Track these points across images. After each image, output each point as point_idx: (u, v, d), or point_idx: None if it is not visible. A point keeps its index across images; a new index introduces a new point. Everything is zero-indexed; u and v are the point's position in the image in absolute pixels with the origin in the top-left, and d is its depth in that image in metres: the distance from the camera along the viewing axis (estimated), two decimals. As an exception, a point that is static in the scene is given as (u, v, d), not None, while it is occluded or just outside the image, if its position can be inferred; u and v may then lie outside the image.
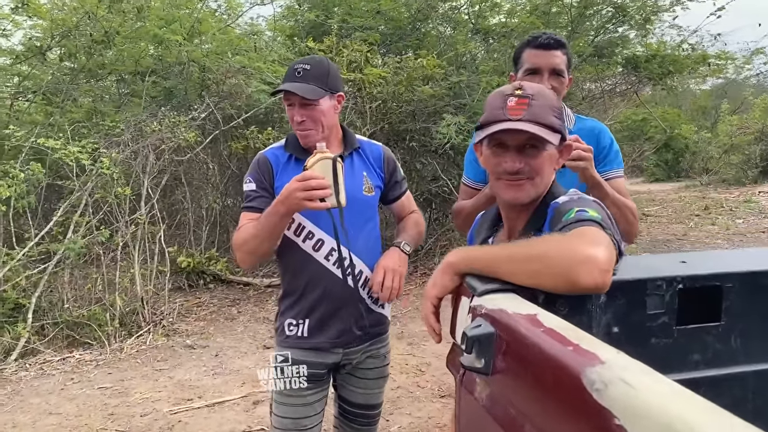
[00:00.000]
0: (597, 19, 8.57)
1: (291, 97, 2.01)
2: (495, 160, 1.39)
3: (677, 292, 1.11)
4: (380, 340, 2.19)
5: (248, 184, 2.07)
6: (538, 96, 1.36)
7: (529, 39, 2.10)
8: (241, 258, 2.03)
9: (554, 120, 1.35)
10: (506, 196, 1.39)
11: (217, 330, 5.60)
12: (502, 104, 1.36)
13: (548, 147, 1.36)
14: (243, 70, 6.27)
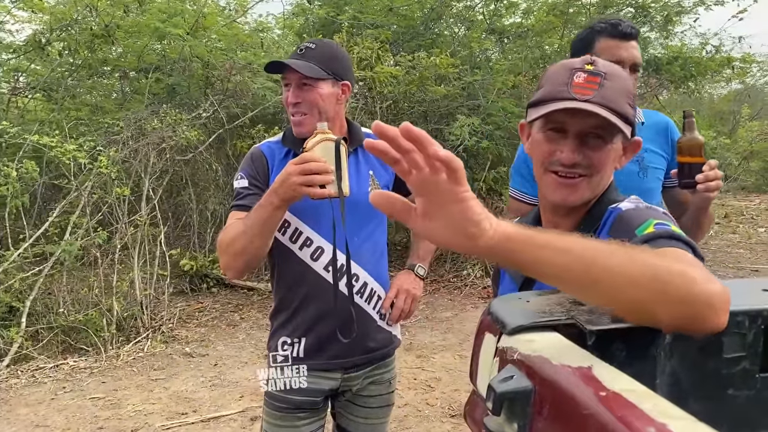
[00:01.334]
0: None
1: (288, 75, 1.77)
2: (548, 148, 1.13)
3: (762, 331, 0.86)
4: (385, 364, 1.94)
5: (240, 180, 1.81)
6: (613, 76, 1.09)
7: (604, 25, 1.81)
8: (226, 262, 1.74)
9: (628, 108, 1.09)
10: (554, 197, 1.14)
11: (217, 337, 5.38)
12: (567, 79, 1.09)
13: (616, 140, 1.11)
14: (249, 67, 6.06)
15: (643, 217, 1.02)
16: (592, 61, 1.11)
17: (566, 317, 0.83)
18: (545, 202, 1.21)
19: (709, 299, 0.77)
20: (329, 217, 1.77)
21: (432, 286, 6.80)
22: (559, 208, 1.18)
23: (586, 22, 8.03)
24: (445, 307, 6.08)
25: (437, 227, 0.81)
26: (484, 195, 7.19)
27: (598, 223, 1.13)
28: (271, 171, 1.82)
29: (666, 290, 0.77)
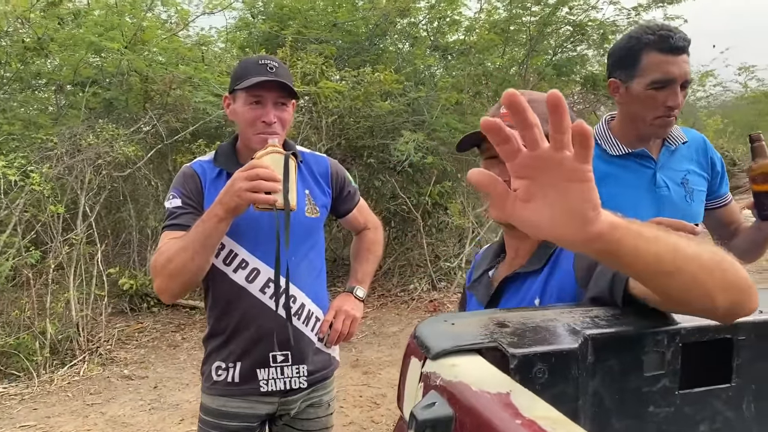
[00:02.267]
0: (556, 37, 8.54)
1: (265, 93, 1.71)
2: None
3: (680, 348, 0.88)
4: (324, 386, 1.91)
5: (172, 200, 1.74)
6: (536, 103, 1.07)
7: (652, 37, 1.61)
8: (162, 284, 1.64)
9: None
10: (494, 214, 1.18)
11: (158, 358, 5.22)
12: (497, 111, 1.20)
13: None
14: (189, 81, 5.95)
15: None
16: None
17: (489, 340, 0.82)
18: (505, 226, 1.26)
19: (751, 286, 0.82)
20: (265, 239, 1.74)
21: (379, 300, 6.79)
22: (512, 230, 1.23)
23: (525, 40, 8.24)
24: (392, 322, 6.07)
25: (545, 213, 0.74)
26: (429, 209, 7.25)
27: (555, 247, 1.17)
28: (204, 190, 1.76)
29: (726, 277, 0.80)
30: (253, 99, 1.72)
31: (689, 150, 1.79)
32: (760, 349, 0.94)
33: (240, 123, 1.76)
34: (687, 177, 1.77)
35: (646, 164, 1.74)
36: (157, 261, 1.64)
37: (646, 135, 1.72)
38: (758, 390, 0.96)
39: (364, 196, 7.53)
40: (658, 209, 1.69)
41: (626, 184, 1.73)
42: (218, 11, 7.21)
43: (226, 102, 1.81)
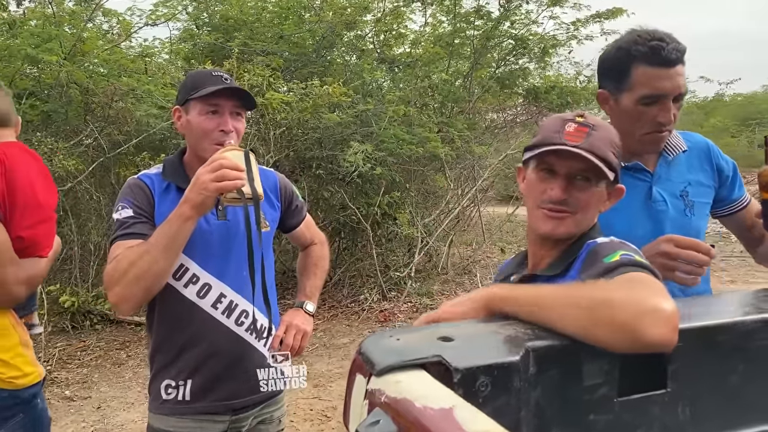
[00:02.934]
0: (499, 51, 8.73)
1: (222, 102, 1.69)
2: (540, 186, 1.27)
3: (618, 357, 0.91)
4: (275, 402, 1.90)
5: (122, 210, 1.68)
6: (600, 128, 1.25)
7: (642, 49, 1.50)
8: (121, 292, 1.55)
9: (612, 156, 1.24)
10: (544, 228, 1.26)
11: (102, 377, 5.05)
12: (560, 128, 1.25)
13: (601, 183, 1.25)
14: (132, 92, 5.81)
15: (613, 249, 1.14)
16: (582, 114, 1.28)
17: (433, 355, 0.83)
18: (534, 235, 1.32)
19: (653, 310, 0.89)
20: (216, 253, 1.73)
21: (329, 312, 6.76)
22: (546, 240, 1.29)
23: (469, 53, 8.40)
24: (342, 333, 6.05)
25: None
26: (379, 220, 7.28)
27: (575, 256, 1.24)
28: (155, 202, 1.72)
29: (613, 312, 0.89)
30: (210, 108, 1.70)
31: (690, 158, 1.67)
32: (693, 355, 0.98)
33: (194, 133, 1.73)
34: (687, 189, 1.66)
35: (641, 178, 1.64)
36: (115, 269, 1.57)
37: (637, 150, 1.63)
38: (693, 394, 1.00)
39: (314, 207, 7.52)
40: (655, 225, 1.61)
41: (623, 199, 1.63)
42: (161, 22, 7.08)
43: (177, 114, 1.77)
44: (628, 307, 0.89)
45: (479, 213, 9.48)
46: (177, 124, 1.79)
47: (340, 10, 7.38)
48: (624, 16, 8.20)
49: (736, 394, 1.03)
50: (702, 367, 0.99)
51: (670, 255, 1.44)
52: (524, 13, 8.30)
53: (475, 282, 7.80)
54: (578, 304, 0.93)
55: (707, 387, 1.01)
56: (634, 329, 0.87)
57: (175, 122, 1.80)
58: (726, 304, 1.07)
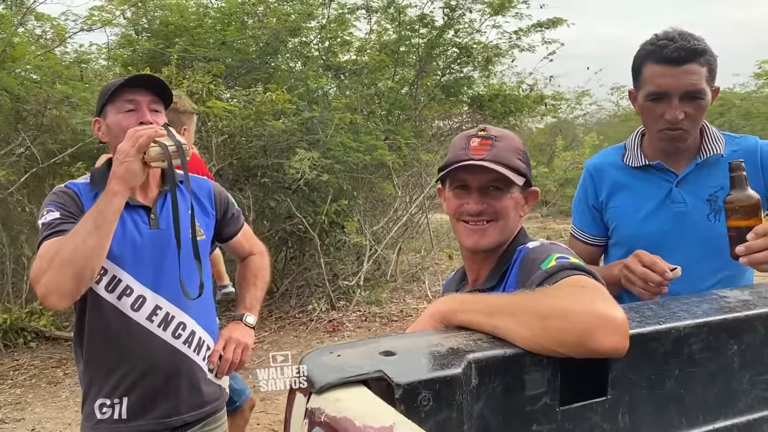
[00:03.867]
0: (443, 59, 8.83)
1: (139, 98, 1.65)
2: (457, 202, 1.32)
3: (560, 366, 0.91)
4: (215, 419, 1.84)
5: (49, 213, 1.61)
6: (503, 138, 1.32)
7: (652, 47, 1.56)
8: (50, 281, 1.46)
9: (518, 163, 1.30)
10: (469, 242, 1.31)
11: (36, 398, 4.82)
12: (465, 144, 1.31)
13: (513, 189, 1.30)
14: (67, 100, 5.60)
15: (546, 252, 1.16)
16: (484, 128, 1.34)
17: (374, 371, 0.82)
18: (464, 250, 1.37)
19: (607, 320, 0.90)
20: (149, 263, 1.68)
21: (277, 323, 6.66)
22: (476, 254, 1.33)
23: (415, 61, 8.48)
24: (290, 345, 5.97)
25: None
26: (327, 228, 7.23)
27: (509, 264, 1.28)
28: (83, 207, 1.65)
29: (565, 321, 0.91)
30: (127, 106, 1.66)
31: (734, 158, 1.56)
32: (631, 361, 0.99)
33: (114, 134, 1.67)
34: (718, 193, 1.62)
35: (665, 177, 1.67)
36: (41, 259, 1.50)
37: (658, 148, 1.65)
38: (631, 400, 1.01)
39: (259, 216, 7.41)
40: (674, 224, 1.63)
41: (642, 196, 1.69)
42: (98, 28, 6.86)
43: (97, 126, 1.72)
44: (582, 317, 0.91)
45: (427, 220, 9.54)
46: (99, 135, 1.74)
47: (284, 16, 7.32)
48: (564, 26, 8.43)
49: (672, 398, 1.05)
50: (640, 374, 1.01)
51: (630, 270, 1.48)
52: (467, 22, 8.42)
53: (424, 289, 7.83)
54: (533, 314, 0.94)
55: (645, 392, 1.02)
56: (590, 340, 0.89)
57: (97, 134, 1.74)
58: (660, 309, 1.09)
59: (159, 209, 1.73)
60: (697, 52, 1.52)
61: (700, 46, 1.53)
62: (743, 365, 1.12)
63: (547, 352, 0.92)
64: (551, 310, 0.94)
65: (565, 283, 1.04)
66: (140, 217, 1.70)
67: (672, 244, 1.62)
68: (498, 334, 0.96)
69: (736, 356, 1.11)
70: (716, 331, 1.08)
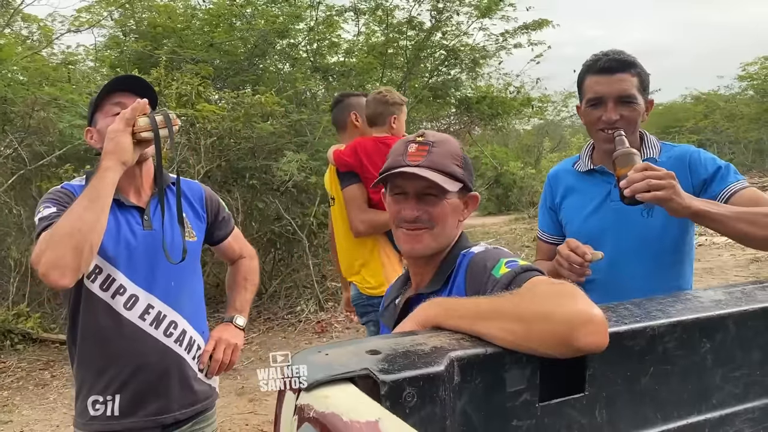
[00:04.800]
0: (431, 61, 8.90)
1: (127, 101, 1.66)
2: (395, 208, 1.32)
3: (539, 364, 0.95)
4: (205, 418, 1.87)
5: (46, 209, 1.62)
6: (440, 143, 1.32)
7: (589, 62, 1.79)
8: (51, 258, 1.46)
9: (455, 168, 1.30)
10: (405, 247, 1.32)
11: (24, 400, 4.81)
12: (404, 150, 1.31)
13: (449, 195, 1.29)
14: (54, 102, 5.59)
15: (494, 258, 1.19)
16: (422, 134, 1.34)
17: (361, 368, 0.85)
18: (404, 254, 1.38)
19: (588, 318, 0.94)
20: (143, 263, 1.70)
21: (265, 324, 6.67)
22: (416, 260, 1.34)
23: (403, 63, 8.54)
24: (279, 346, 5.98)
25: None
26: (315, 230, 7.25)
27: (452, 267, 1.28)
28: None
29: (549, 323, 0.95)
30: (115, 110, 1.68)
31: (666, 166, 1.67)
32: (608, 359, 1.03)
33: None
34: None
35: (607, 179, 1.83)
36: (41, 243, 1.50)
37: (602, 149, 1.82)
38: (608, 396, 1.05)
39: (248, 218, 7.41)
40: (613, 220, 1.79)
41: (587, 196, 1.88)
42: (85, 29, 6.85)
43: (89, 135, 1.74)
44: (563, 318, 0.94)
45: (415, 221, 9.57)
46: (92, 143, 1.75)
47: (272, 18, 7.34)
48: (549, 27, 8.52)
49: (648, 394, 1.09)
50: (616, 371, 1.05)
51: (559, 254, 1.68)
52: (455, 24, 8.50)
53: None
54: (515, 319, 0.97)
55: (622, 389, 1.06)
56: (573, 339, 0.93)
57: (91, 143, 1.75)
58: (636, 309, 1.14)
59: (152, 210, 1.76)
60: (627, 63, 1.74)
61: (629, 59, 1.75)
62: (716, 362, 1.16)
63: (532, 353, 0.96)
64: (533, 314, 0.97)
65: (533, 284, 1.07)
66: (134, 218, 1.73)
67: (610, 237, 1.78)
68: (483, 337, 0.99)
69: (709, 354, 1.15)
70: (690, 330, 1.12)
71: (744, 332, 1.19)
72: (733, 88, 19.73)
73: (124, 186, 1.71)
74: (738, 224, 1.55)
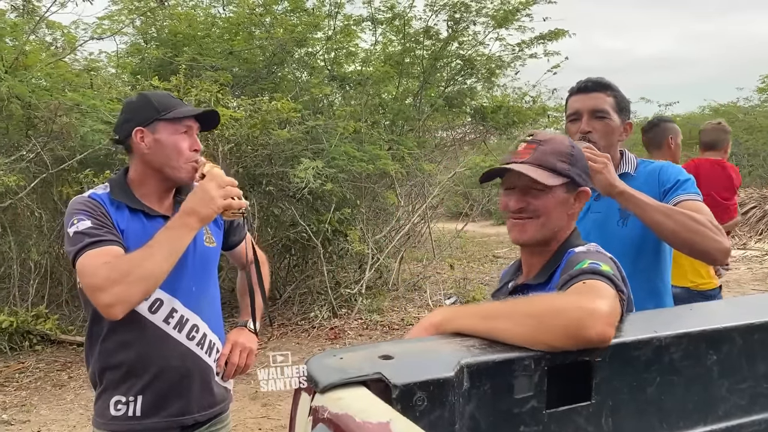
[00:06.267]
0: (447, 70, 8.93)
1: (192, 123, 1.79)
2: (504, 200, 1.43)
3: (546, 371, 0.98)
4: (220, 420, 1.92)
5: (80, 222, 1.65)
6: (547, 142, 1.42)
7: (573, 86, 2.05)
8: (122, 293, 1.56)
9: (559, 165, 1.39)
10: (512, 236, 1.43)
11: (42, 400, 4.89)
12: (515, 149, 1.44)
13: (554, 189, 1.38)
14: (76, 107, 5.69)
15: (585, 257, 1.27)
16: (532, 133, 1.46)
17: (373, 372, 0.89)
18: (513, 243, 1.48)
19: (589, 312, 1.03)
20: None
21: (279, 330, 6.73)
22: (526, 249, 1.47)
23: (419, 72, 8.59)
24: (292, 351, 5.95)
25: None
26: (329, 236, 7.30)
27: (558, 264, 1.37)
28: (112, 218, 1.72)
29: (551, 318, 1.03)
30: (183, 129, 1.77)
31: (638, 180, 1.97)
32: (614, 368, 1.06)
33: (166, 152, 1.76)
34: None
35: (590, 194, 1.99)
36: (114, 269, 1.58)
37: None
38: (614, 405, 1.08)
39: (264, 224, 7.48)
40: (592, 229, 1.91)
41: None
42: (107, 36, 6.98)
43: (140, 135, 1.76)
44: (571, 311, 1.03)
45: (429, 229, 9.60)
46: (138, 142, 1.77)
47: (291, 27, 7.42)
48: (566, 37, 8.51)
49: (654, 403, 1.11)
50: (623, 380, 1.08)
51: None
52: (471, 35, 8.53)
53: (425, 298, 7.89)
54: (525, 314, 1.05)
55: (628, 398, 1.09)
56: (578, 331, 1.00)
57: (138, 144, 1.77)
58: (642, 320, 1.16)
59: None
60: (603, 85, 1.97)
61: (605, 82, 1.98)
62: (722, 374, 1.18)
63: (541, 347, 1.01)
64: (544, 309, 1.06)
65: (575, 288, 1.15)
66: (159, 226, 1.77)
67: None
68: (494, 335, 1.05)
69: (715, 365, 1.17)
70: (696, 341, 1.14)
71: (750, 344, 1.21)
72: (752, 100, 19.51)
73: (148, 194, 1.78)
74: (655, 214, 1.74)
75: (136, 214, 1.75)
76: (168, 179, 1.79)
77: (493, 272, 10.38)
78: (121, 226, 1.72)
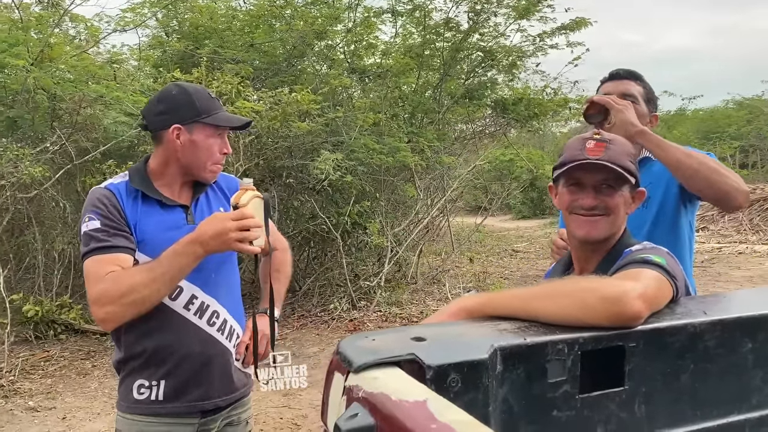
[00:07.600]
0: (468, 62, 8.87)
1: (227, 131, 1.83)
2: (570, 198, 1.44)
3: (579, 356, 0.97)
4: (242, 404, 1.93)
5: (91, 222, 1.68)
6: (616, 142, 1.43)
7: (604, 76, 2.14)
8: (116, 312, 1.62)
9: (630, 164, 1.41)
10: (580, 232, 1.43)
11: (66, 387, 4.97)
12: (581, 146, 1.42)
13: (623, 188, 1.41)
14: (100, 99, 5.76)
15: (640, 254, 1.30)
16: (599, 132, 1.46)
17: (407, 353, 0.89)
18: (574, 241, 1.49)
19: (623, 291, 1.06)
20: None
21: (299, 321, 6.76)
22: (584, 246, 1.46)
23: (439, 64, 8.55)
24: (312, 342, 6.06)
25: None
26: (349, 229, 7.31)
27: (615, 261, 1.37)
28: (124, 210, 1.74)
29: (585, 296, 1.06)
30: (218, 132, 1.80)
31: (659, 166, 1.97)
32: (648, 355, 1.05)
33: (199, 154, 1.79)
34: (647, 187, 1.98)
35: None
36: (114, 287, 1.61)
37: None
38: (647, 392, 1.07)
39: (284, 216, 7.51)
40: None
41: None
42: (130, 29, 7.03)
43: (176, 133, 1.77)
44: (607, 288, 1.07)
45: (448, 223, 9.58)
46: (176, 143, 1.78)
47: (311, 19, 7.43)
48: (587, 27, 8.40)
49: (687, 391, 1.10)
50: (656, 367, 1.06)
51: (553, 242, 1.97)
52: (492, 26, 8.46)
53: (444, 291, 7.88)
54: (566, 294, 1.08)
55: (661, 385, 1.07)
56: (614, 306, 1.03)
57: (174, 141, 1.78)
58: (676, 306, 1.15)
59: (194, 208, 1.84)
60: (633, 74, 2.07)
61: (637, 73, 2.08)
62: (757, 363, 1.16)
63: (578, 323, 1.03)
64: (582, 287, 1.09)
65: (619, 274, 1.19)
66: (179, 215, 1.79)
67: None
68: (533, 314, 1.07)
69: (750, 354, 1.15)
70: (731, 329, 1.13)
71: (786, 333, 1.19)
72: (778, 94, 19.21)
73: (167, 184, 1.81)
74: (676, 152, 1.79)
75: (152, 203, 1.77)
76: (190, 175, 1.82)
77: (512, 266, 10.34)
78: (135, 218, 1.73)
